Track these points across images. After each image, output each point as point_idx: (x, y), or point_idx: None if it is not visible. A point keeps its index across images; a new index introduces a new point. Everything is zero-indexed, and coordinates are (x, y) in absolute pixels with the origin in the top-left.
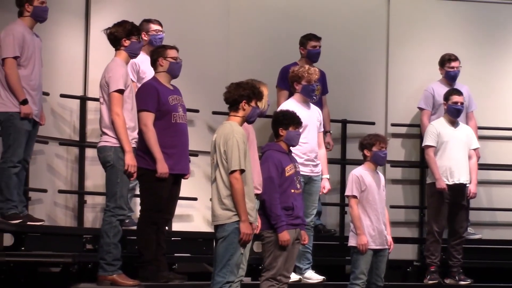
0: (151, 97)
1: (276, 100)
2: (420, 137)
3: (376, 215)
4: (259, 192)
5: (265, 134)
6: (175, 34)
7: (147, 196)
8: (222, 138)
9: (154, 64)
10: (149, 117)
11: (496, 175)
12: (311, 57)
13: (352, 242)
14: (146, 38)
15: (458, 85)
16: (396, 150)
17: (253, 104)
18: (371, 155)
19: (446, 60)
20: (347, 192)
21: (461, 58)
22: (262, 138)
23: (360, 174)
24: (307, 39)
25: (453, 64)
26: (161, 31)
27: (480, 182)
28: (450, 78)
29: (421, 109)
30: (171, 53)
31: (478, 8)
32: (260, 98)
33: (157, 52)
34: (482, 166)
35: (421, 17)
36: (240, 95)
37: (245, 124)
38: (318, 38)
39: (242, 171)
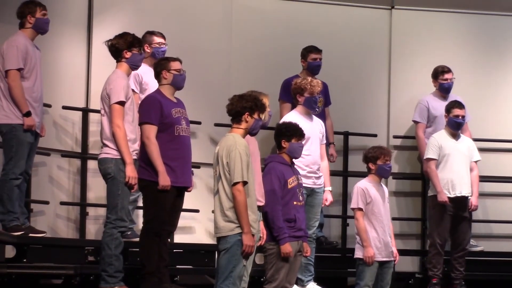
0: (154, 110)
1: (279, 113)
2: None
3: (382, 227)
4: (261, 204)
5: (268, 146)
6: (177, 45)
7: (150, 207)
8: (225, 150)
9: (157, 76)
10: (151, 130)
11: (494, 187)
12: (312, 69)
13: (358, 254)
14: (148, 50)
15: (452, 96)
16: (398, 162)
17: (255, 116)
18: (376, 168)
19: (439, 72)
20: (353, 205)
21: (461, 69)
22: (265, 150)
23: (365, 186)
24: (307, 51)
25: (447, 76)
26: (164, 43)
27: (481, 195)
28: (444, 90)
29: (416, 122)
30: (175, 65)
31: (479, 19)
32: (263, 110)
33: (160, 65)
34: (481, 178)
35: (423, 29)
36: (243, 107)
37: (248, 136)
38: (319, 51)
39: (245, 183)
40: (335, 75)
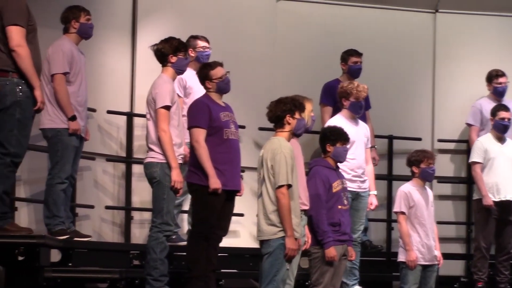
0: (202, 114)
1: (320, 116)
2: (467, 152)
3: (425, 231)
4: (306, 207)
5: (311, 150)
6: (220, 50)
7: (199, 211)
8: (269, 153)
9: (202, 84)
10: (200, 134)
11: None
12: (352, 72)
13: (401, 258)
14: (193, 55)
15: (506, 100)
16: (443, 166)
17: (297, 116)
18: (419, 171)
19: (493, 76)
20: (396, 209)
21: (508, 73)
22: (308, 154)
23: (408, 190)
24: (348, 54)
25: (501, 79)
26: (208, 47)
27: None
28: (498, 93)
29: (469, 125)
30: (216, 73)
31: None
32: (302, 109)
33: (203, 75)
34: None
35: (467, 32)
36: (282, 110)
37: (292, 139)
38: (359, 54)
39: (289, 186)
40: (379, 78)
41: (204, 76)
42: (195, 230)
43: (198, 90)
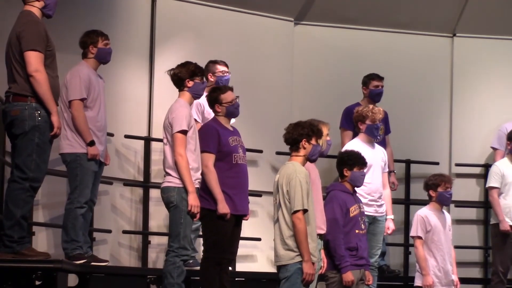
0: (212, 138)
1: (340, 141)
2: (485, 177)
3: (442, 256)
4: (323, 232)
5: (330, 175)
6: (239, 74)
7: (210, 236)
8: (285, 178)
9: (212, 108)
10: (210, 158)
11: None
12: (374, 96)
13: (418, 282)
14: (212, 79)
15: None
16: (460, 190)
17: (313, 141)
18: (437, 195)
19: None
20: (412, 233)
21: None
22: (327, 179)
23: (425, 214)
24: (369, 78)
25: None
26: (227, 72)
27: None
28: None
29: (494, 149)
30: (226, 97)
31: None
32: (319, 135)
33: (213, 98)
34: None
35: (485, 56)
36: (300, 134)
37: (308, 164)
38: (380, 78)
39: (305, 211)
40: (397, 102)
41: (214, 99)
42: (207, 255)
43: None
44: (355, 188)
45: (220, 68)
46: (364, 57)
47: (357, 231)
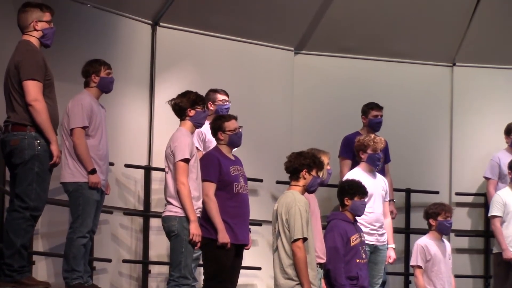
0: (213, 168)
1: (339, 170)
2: (485, 206)
3: (442, 285)
4: (322, 261)
5: (329, 204)
6: (239, 103)
7: (210, 265)
8: (284, 207)
9: (214, 136)
10: (210, 187)
11: None
12: (373, 126)
13: None
14: (212, 108)
15: None
16: (460, 219)
17: (313, 173)
18: (436, 224)
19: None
20: (412, 262)
21: None
22: (326, 208)
23: (425, 243)
24: (369, 108)
25: None
26: (227, 101)
27: None
28: None
29: (487, 178)
30: (229, 125)
31: None
32: (321, 167)
33: (216, 126)
34: None
35: (485, 85)
36: (301, 164)
37: (307, 194)
38: (380, 108)
39: (304, 239)
40: (397, 132)
41: (217, 127)
42: (207, 284)
43: None
44: (356, 217)
45: (221, 97)
46: (364, 86)
47: (357, 260)
